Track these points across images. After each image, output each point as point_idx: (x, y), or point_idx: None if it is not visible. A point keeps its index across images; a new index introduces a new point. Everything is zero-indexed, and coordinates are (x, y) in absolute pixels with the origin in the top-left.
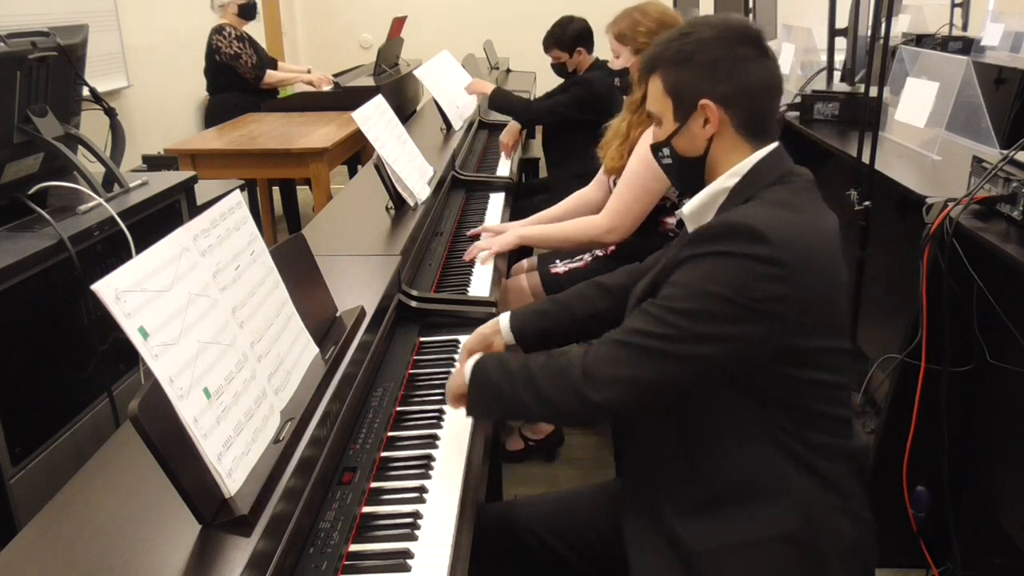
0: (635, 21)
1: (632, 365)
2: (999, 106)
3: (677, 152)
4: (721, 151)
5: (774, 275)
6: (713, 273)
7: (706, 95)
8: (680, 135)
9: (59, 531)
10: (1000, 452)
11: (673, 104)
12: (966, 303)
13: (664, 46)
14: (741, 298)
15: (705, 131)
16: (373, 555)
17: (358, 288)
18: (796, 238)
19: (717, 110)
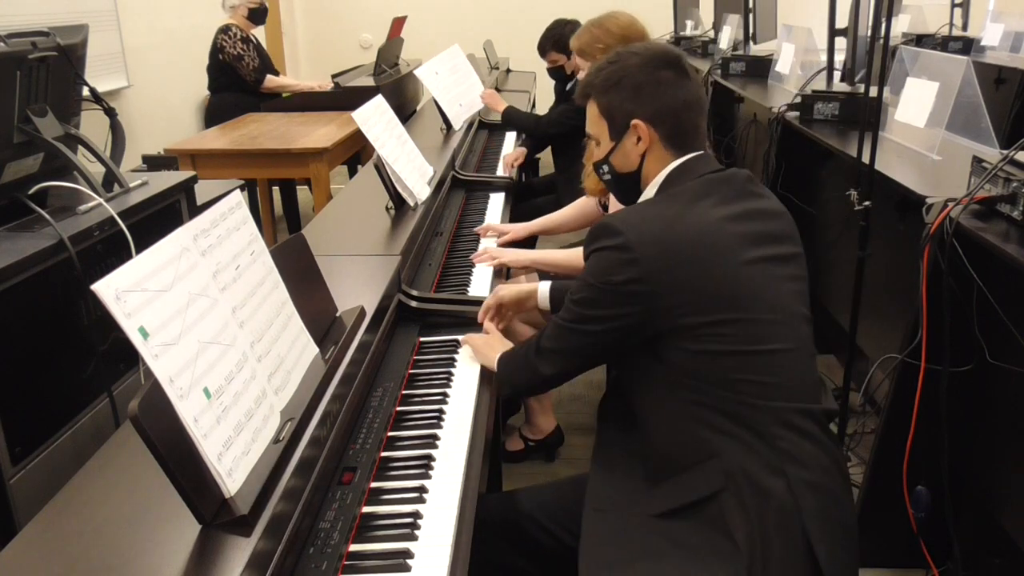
0: (594, 36)
1: (560, 339)
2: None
3: (615, 168)
4: (651, 164)
5: (628, 260)
6: (589, 267)
7: (636, 115)
8: (616, 153)
9: (59, 531)
10: (1000, 452)
11: (608, 125)
12: (966, 303)
13: (595, 74)
14: (603, 283)
15: (638, 148)
16: (373, 555)
17: (358, 288)
18: (648, 227)
19: (647, 128)
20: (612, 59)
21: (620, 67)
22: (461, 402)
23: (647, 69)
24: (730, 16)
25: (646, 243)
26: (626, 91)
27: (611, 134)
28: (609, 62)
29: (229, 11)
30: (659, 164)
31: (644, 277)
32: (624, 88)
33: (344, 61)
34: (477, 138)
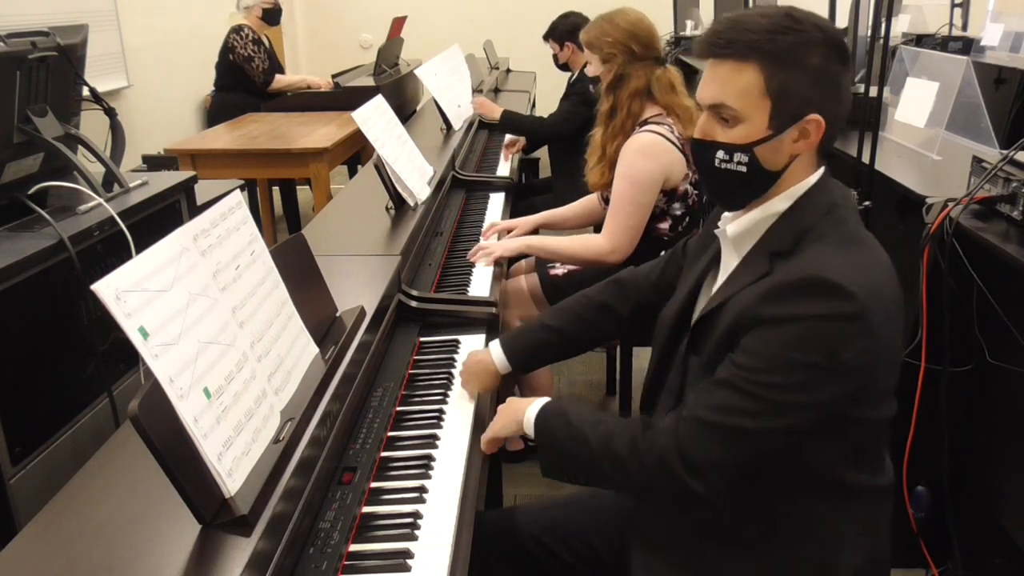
0: (603, 31)
1: (730, 447)
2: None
3: (759, 161)
4: (795, 170)
5: (861, 331)
6: (800, 340)
7: (816, 108)
8: (769, 144)
9: (59, 531)
10: (1000, 452)
11: (772, 107)
12: (966, 303)
13: (766, 34)
14: (831, 362)
15: (796, 147)
16: (373, 555)
17: (358, 288)
18: (875, 285)
19: (824, 127)
20: (791, 24)
21: (806, 40)
22: (461, 402)
23: (831, 51)
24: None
25: (877, 308)
26: (812, 74)
27: (772, 119)
28: (789, 27)
29: (244, 11)
30: (802, 172)
31: (874, 347)
32: (811, 70)
33: (344, 61)
34: (477, 138)
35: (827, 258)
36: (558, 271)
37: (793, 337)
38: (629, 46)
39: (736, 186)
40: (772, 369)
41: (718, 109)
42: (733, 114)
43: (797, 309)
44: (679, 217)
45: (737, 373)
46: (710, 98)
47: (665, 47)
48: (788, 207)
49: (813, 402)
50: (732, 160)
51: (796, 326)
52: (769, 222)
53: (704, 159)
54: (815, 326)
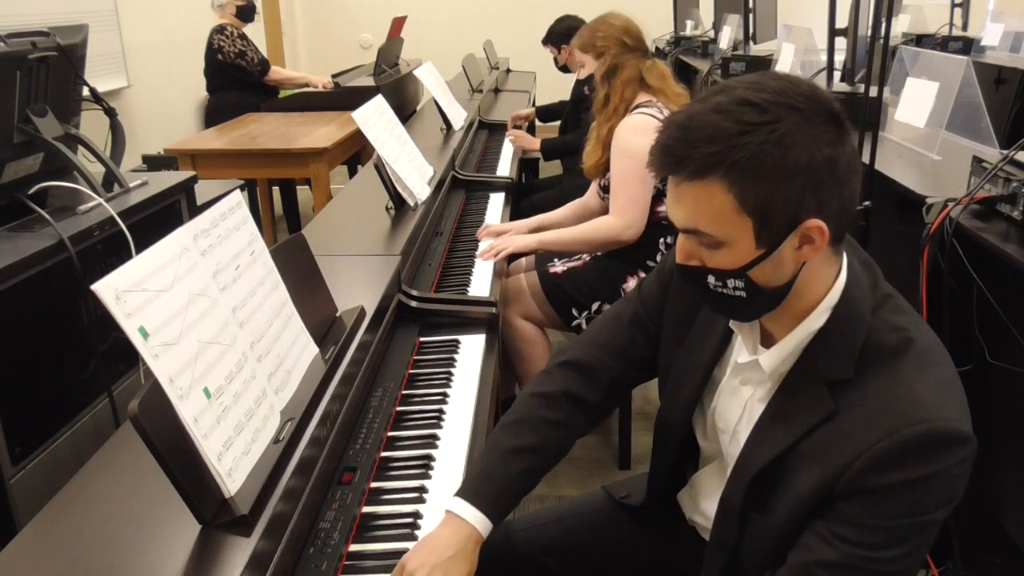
0: (592, 30)
1: None
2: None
3: (756, 284)
4: (811, 274)
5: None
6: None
7: (813, 211)
8: (764, 264)
9: (59, 531)
10: (1000, 452)
11: (755, 225)
12: (966, 303)
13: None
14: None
15: (800, 254)
16: (373, 555)
17: (358, 288)
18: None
19: (827, 230)
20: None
21: (779, 135)
22: (461, 402)
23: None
24: (730, 16)
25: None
26: (796, 173)
27: (759, 237)
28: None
29: (218, 10)
30: (819, 272)
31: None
32: (792, 169)
33: (344, 61)
34: (477, 138)
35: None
36: (557, 269)
37: (919, 499)
38: (621, 39)
39: (741, 307)
40: (897, 541)
41: (695, 235)
42: (712, 240)
43: (921, 471)
44: None
45: (851, 552)
46: (681, 223)
47: (665, 47)
48: (826, 322)
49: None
50: (727, 286)
51: (922, 487)
52: (807, 341)
53: (695, 284)
54: (942, 480)
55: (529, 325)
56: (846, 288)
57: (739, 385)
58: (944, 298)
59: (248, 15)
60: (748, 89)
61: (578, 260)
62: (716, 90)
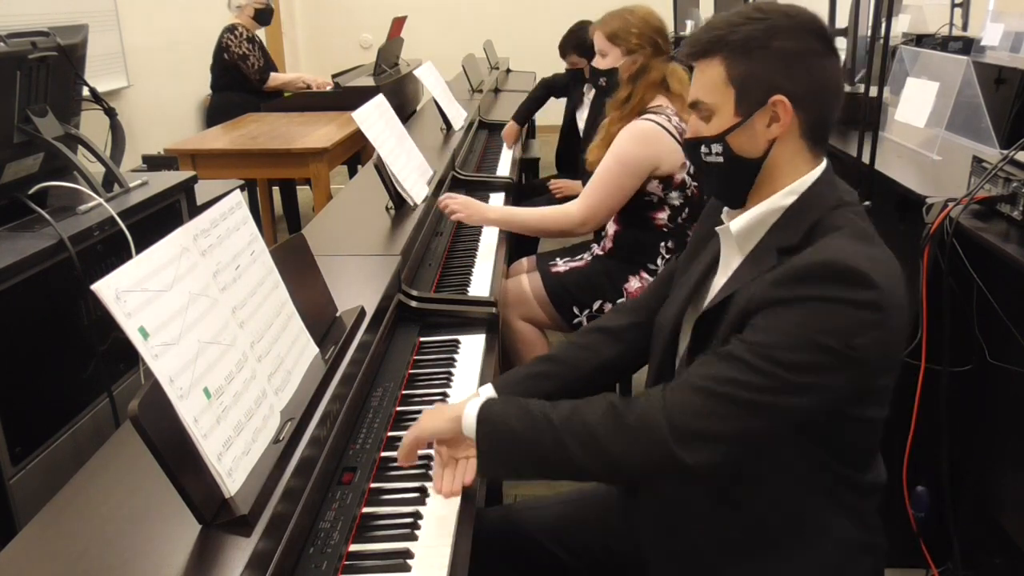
0: (626, 22)
1: (728, 418)
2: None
3: (732, 150)
4: (782, 158)
5: (876, 322)
6: (815, 320)
7: (781, 90)
8: (740, 131)
9: (59, 531)
10: (1000, 452)
11: (736, 95)
12: (966, 303)
13: (729, 27)
14: (845, 348)
15: (770, 131)
16: (373, 555)
17: (358, 288)
18: (891, 279)
19: (790, 108)
20: (754, 13)
21: (769, 27)
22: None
23: (801, 34)
24: None
25: (893, 302)
26: (774, 57)
27: (739, 106)
28: (751, 17)
29: (236, 11)
30: (792, 159)
31: (886, 340)
32: (772, 53)
33: (344, 61)
34: (477, 138)
35: (844, 247)
36: (560, 268)
37: (809, 317)
38: (655, 39)
39: (723, 179)
40: (783, 346)
41: (697, 108)
42: (707, 108)
43: (815, 291)
44: (678, 208)
45: (745, 347)
46: (690, 98)
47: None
48: (793, 202)
49: (820, 386)
50: (711, 152)
51: (814, 307)
52: (773, 218)
53: (695, 159)
54: (832, 308)
55: (529, 327)
56: (816, 182)
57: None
58: (944, 298)
59: (266, 18)
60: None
61: (580, 260)
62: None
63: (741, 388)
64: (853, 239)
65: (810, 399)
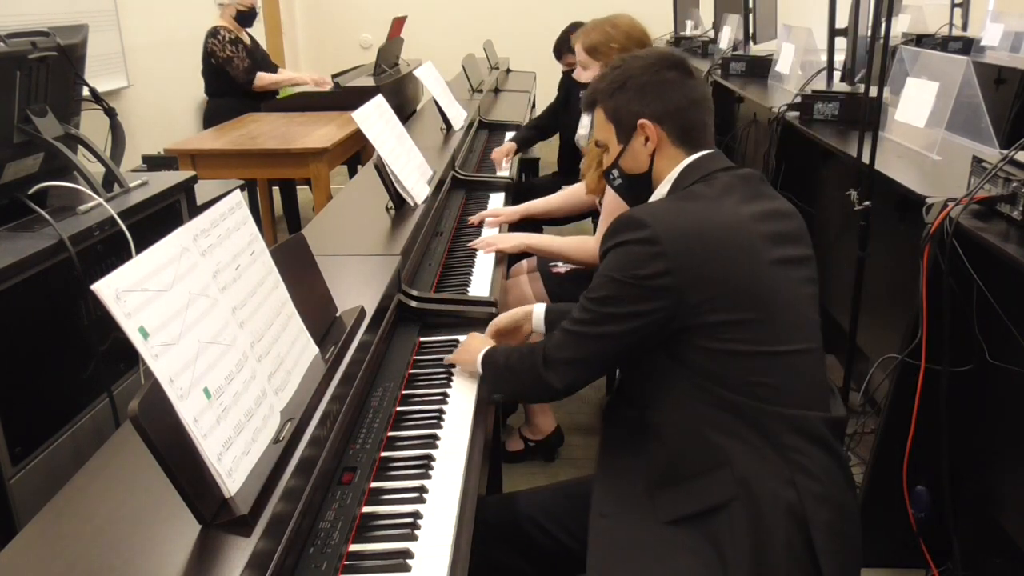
0: (607, 35)
1: (574, 347)
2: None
3: (624, 171)
4: (662, 163)
5: (655, 253)
6: (610, 262)
7: (642, 115)
8: (625, 155)
9: (59, 531)
10: (1000, 452)
11: (615, 128)
12: (966, 303)
13: (599, 82)
14: (630, 278)
15: (647, 148)
16: (373, 555)
17: (358, 288)
18: (675, 221)
19: (654, 127)
20: (616, 64)
21: (624, 70)
22: (461, 402)
23: (651, 70)
24: (730, 16)
25: (674, 236)
26: (631, 92)
27: (619, 137)
28: (613, 68)
29: (220, 9)
30: (670, 163)
31: (672, 270)
32: (629, 89)
33: (344, 61)
34: (477, 138)
35: (643, 207)
36: (560, 269)
37: (608, 261)
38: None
39: (630, 193)
40: (595, 287)
41: (599, 146)
42: (602, 144)
43: (611, 241)
44: None
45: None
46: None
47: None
48: (668, 188)
49: (628, 313)
50: (613, 178)
51: (611, 253)
52: None
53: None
54: (620, 249)
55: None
56: (683, 170)
57: None
58: (944, 298)
59: (247, 20)
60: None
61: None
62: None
63: (576, 323)
64: (665, 201)
65: (621, 325)
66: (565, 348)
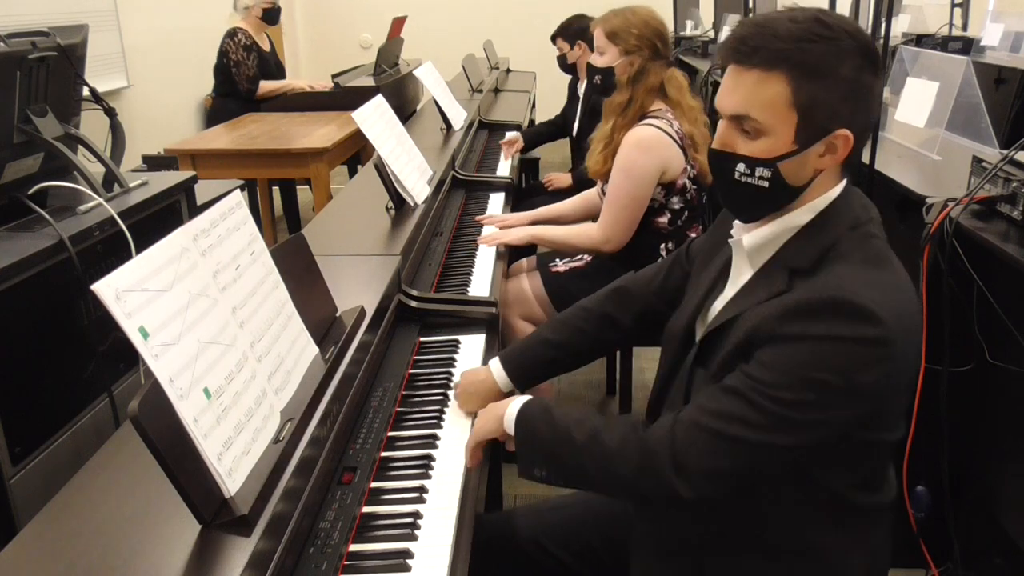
0: (627, 21)
1: (729, 456)
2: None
3: (782, 176)
4: (818, 186)
5: (883, 356)
6: (818, 359)
7: (845, 123)
8: (793, 159)
9: (59, 531)
10: (1000, 452)
11: (799, 121)
12: (966, 303)
13: (796, 42)
14: (850, 385)
15: (821, 161)
16: (373, 555)
17: (358, 288)
18: (899, 311)
19: (852, 143)
20: (823, 32)
21: (838, 50)
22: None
23: (863, 60)
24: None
25: (901, 335)
26: (843, 86)
27: (799, 133)
28: (817, 35)
29: (243, 12)
30: (825, 187)
31: (892, 373)
32: (842, 81)
33: (344, 61)
34: (477, 138)
35: (852, 279)
36: (560, 268)
37: (812, 355)
38: (654, 42)
39: (755, 200)
40: (785, 384)
41: (740, 120)
42: (756, 126)
43: (819, 329)
44: (678, 211)
45: (747, 383)
46: (732, 108)
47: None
48: (810, 220)
49: (820, 421)
50: (753, 175)
51: (816, 345)
52: (788, 235)
53: (723, 171)
54: (836, 345)
55: (530, 327)
56: (835, 201)
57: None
58: (944, 298)
59: (274, 17)
60: (819, 12)
61: (580, 260)
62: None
63: (739, 425)
64: (864, 267)
65: (814, 435)
66: (714, 456)
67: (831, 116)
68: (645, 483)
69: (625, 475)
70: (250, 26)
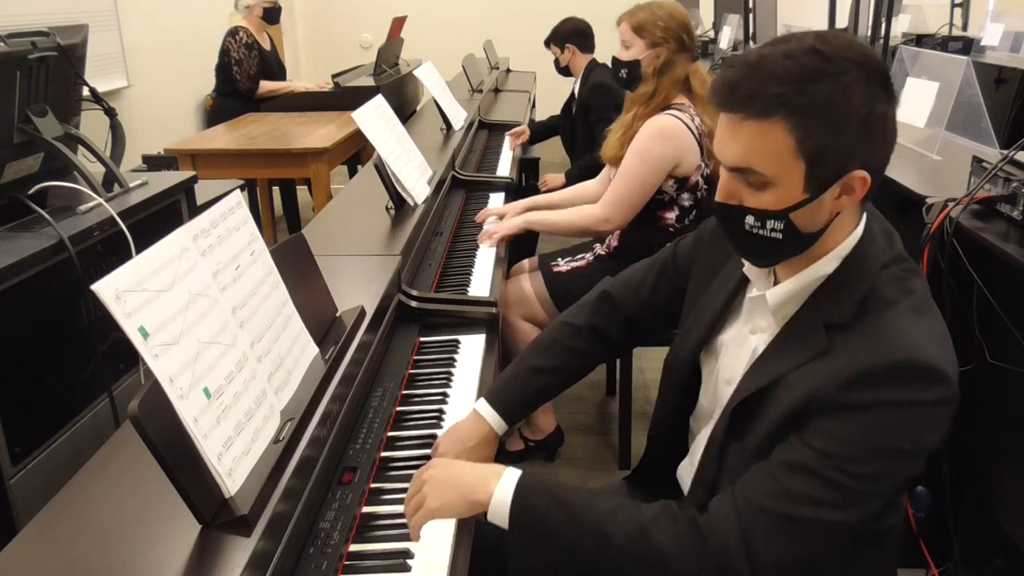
0: (653, 14)
1: (806, 540)
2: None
3: (795, 226)
4: (838, 226)
5: (952, 414)
6: (893, 426)
7: (860, 162)
8: (806, 208)
9: (59, 531)
10: (1000, 452)
11: (808, 169)
12: (966, 303)
13: (795, 84)
14: (922, 447)
15: (838, 203)
16: (373, 555)
17: (358, 288)
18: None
19: (869, 182)
20: (821, 66)
21: (844, 86)
22: (461, 402)
23: (874, 91)
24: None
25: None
26: (853, 124)
27: (809, 181)
28: (818, 71)
29: (244, 11)
30: (846, 228)
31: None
32: (850, 119)
33: (344, 61)
34: (477, 138)
35: (912, 335)
36: (561, 268)
37: (887, 423)
38: (680, 35)
39: (771, 250)
40: (859, 457)
41: (743, 173)
42: (761, 179)
43: (893, 395)
44: (687, 209)
45: (815, 458)
46: (732, 160)
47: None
48: (836, 268)
49: (892, 488)
50: (764, 227)
51: (892, 412)
52: (814, 287)
53: (731, 223)
54: (912, 412)
55: (530, 327)
56: (860, 242)
57: (748, 334)
58: (944, 298)
59: (275, 16)
60: (816, 40)
61: (581, 260)
62: (784, 38)
63: (815, 507)
64: (916, 316)
65: (884, 499)
66: (792, 541)
67: (844, 158)
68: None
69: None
70: (251, 25)
